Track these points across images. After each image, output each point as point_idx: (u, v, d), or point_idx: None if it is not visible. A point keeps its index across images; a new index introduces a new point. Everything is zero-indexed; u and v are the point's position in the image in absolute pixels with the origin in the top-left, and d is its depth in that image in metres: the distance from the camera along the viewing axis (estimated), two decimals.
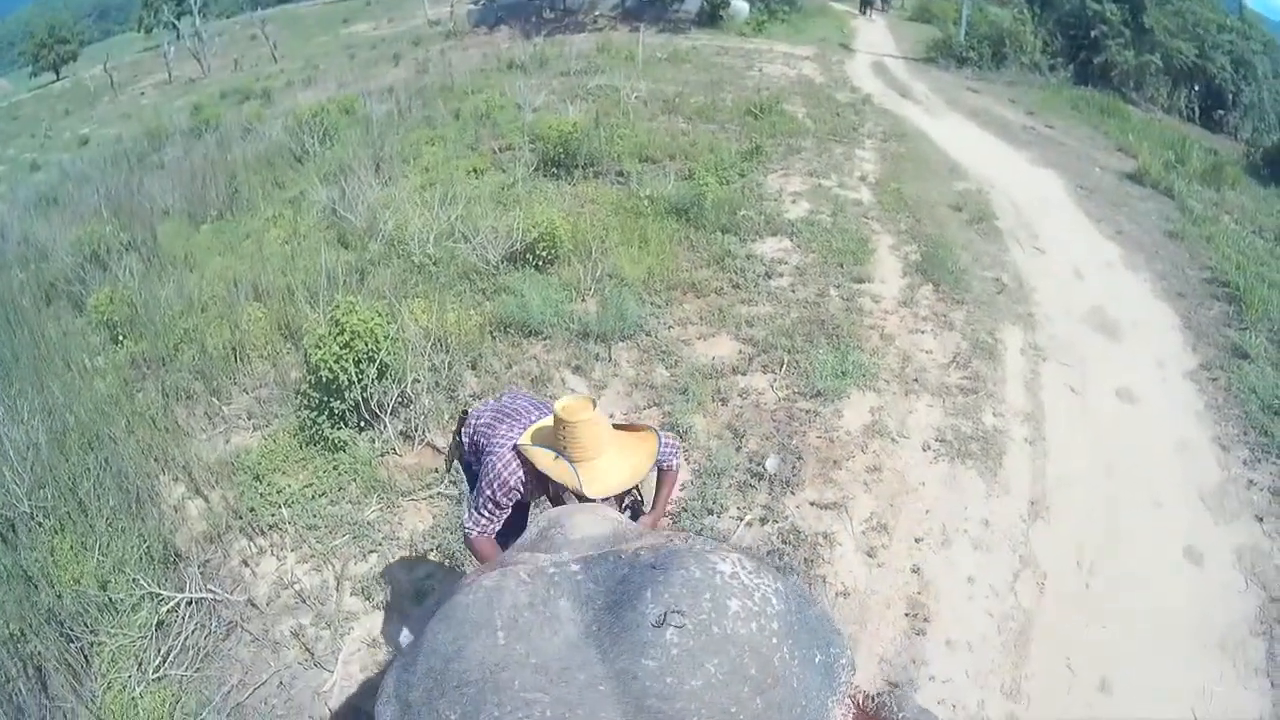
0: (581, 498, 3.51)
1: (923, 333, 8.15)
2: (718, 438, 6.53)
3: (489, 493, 3.80)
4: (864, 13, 41.56)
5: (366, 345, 6.42)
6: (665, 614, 1.97)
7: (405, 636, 2.67)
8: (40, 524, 5.88)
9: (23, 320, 9.78)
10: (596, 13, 41.40)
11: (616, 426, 3.72)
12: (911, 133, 16.77)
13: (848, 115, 17.59)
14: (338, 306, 6.61)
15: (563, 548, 2.53)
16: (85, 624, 5.01)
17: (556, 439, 3.59)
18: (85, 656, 4.90)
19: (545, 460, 3.60)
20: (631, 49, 24.55)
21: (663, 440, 3.86)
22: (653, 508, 4.16)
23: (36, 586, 5.26)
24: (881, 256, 9.84)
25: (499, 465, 3.78)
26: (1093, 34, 26.74)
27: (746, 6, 35.96)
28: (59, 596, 5.14)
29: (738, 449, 6.37)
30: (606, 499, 3.64)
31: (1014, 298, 9.12)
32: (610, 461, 3.56)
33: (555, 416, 3.57)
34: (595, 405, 3.56)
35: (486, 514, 3.86)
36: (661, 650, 1.93)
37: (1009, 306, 8.88)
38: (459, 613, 2.17)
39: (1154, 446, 6.77)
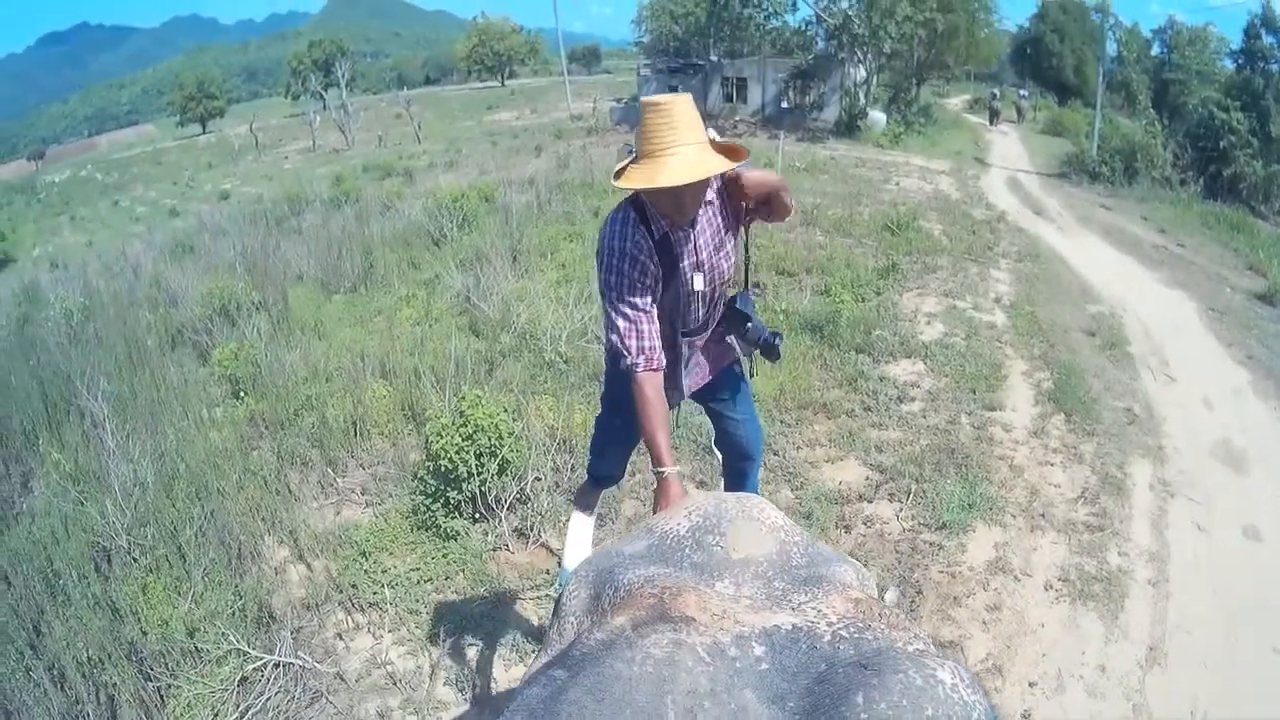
0: (657, 208, 3.45)
1: (1052, 465, 8.16)
2: None
3: (613, 279, 3.47)
4: (993, 124, 41.83)
5: (489, 440, 6.46)
6: None
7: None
8: (136, 560, 6.05)
9: (145, 361, 10.15)
10: (737, 118, 42.06)
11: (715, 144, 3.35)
12: (1045, 252, 16.83)
13: (983, 233, 17.76)
14: (464, 398, 6.73)
15: (722, 570, 2.25)
16: (166, 666, 5.13)
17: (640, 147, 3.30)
18: (161, 697, 5.02)
19: (624, 176, 3.29)
20: (771, 157, 24.74)
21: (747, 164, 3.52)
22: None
23: (122, 620, 5.36)
24: (1014, 383, 9.90)
25: (607, 234, 3.51)
26: (1221, 145, 26.55)
27: (884, 118, 36.42)
28: (143, 634, 5.24)
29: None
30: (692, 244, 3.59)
31: (1144, 428, 9.08)
32: (683, 158, 3.19)
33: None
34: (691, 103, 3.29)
35: (626, 316, 3.47)
36: None
37: (1139, 438, 8.84)
38: (618, 689, 1.69)
39: (1279, 589, 6.64)
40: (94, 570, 6.02)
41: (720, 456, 4.83)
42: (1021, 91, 57.64)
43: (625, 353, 3.46)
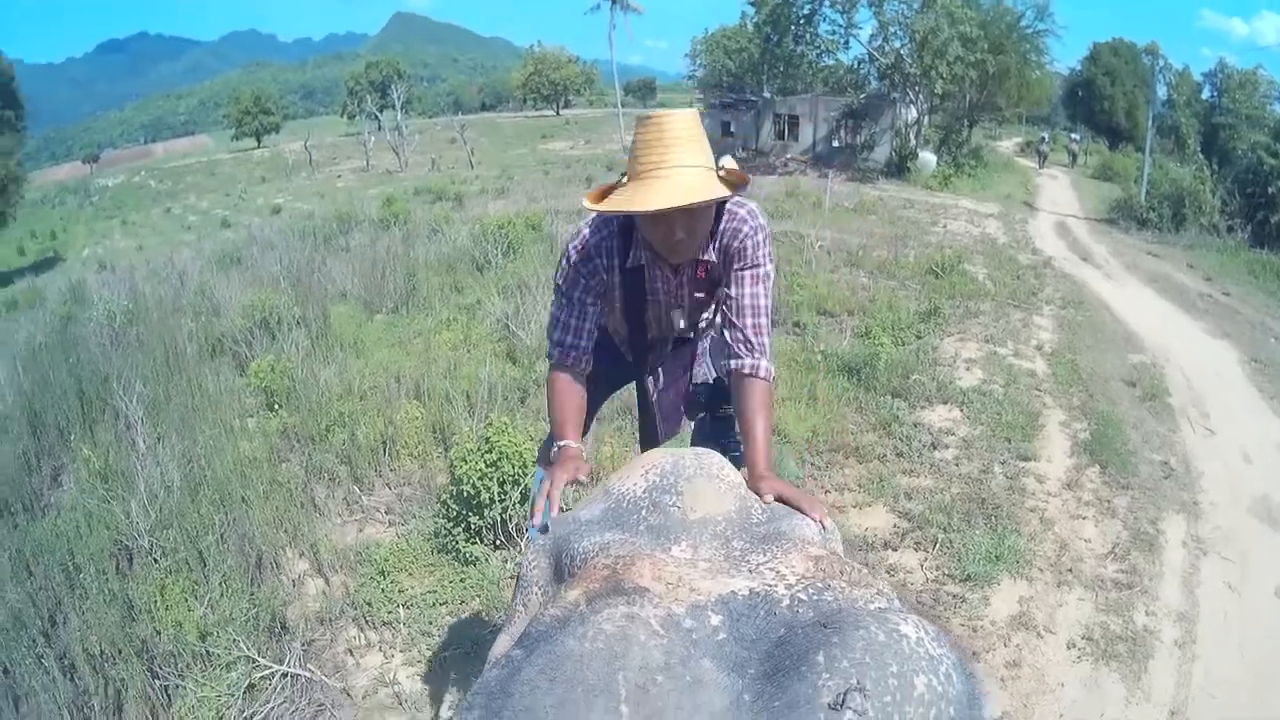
0: (648, 238, 3.03)
1: (1084, 519, 8.05)
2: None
3: (563, 268, 3.24)
4: (1041, 167, 42.00)
5: (513, 467, 6.45)
6: (845, 692, 1.59)
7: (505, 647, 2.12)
8: (156, 561, 6.14)
9: (183, 367, 10.28)
10: (788, 155, 42.30)
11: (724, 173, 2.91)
12: (1090, 299, 16.72)
13: (1028, 279, 17.68)
14: (491, 425, 6.74)
15: (679, 532, 2.26)
16: (175, 667, 5.19)
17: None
18: (168, 696, 5.06)
19: (607, 199, 2.91)
20: (819, 196, 24.90)
21: (748, 213, 3.12)
22: (747, 447, 2.99)
23: (136, 619, 5.45)
24: (1050, 433, 9.79)
25: (582, 226, 3.25)
26: (1270, 190, 26.29)
27: (934, 159, 36.52)
28: (156, 633, 5.31)
29: None
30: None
31: (1180, 483, 8.93)
32: (675, 181, 2.74)
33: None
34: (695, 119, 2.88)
35: (561, 307, 3.26)
36: None
37: (1174, 493, 8.69)
38: (568, 666, 1.70)
39: None
40: (114, 567, 6.13)
41: None
42: (1073, 135, 57.72)
43: (549, 342, 3.33)
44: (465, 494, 6.43)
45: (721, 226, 3.11)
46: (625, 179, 2.92)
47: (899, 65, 38.00)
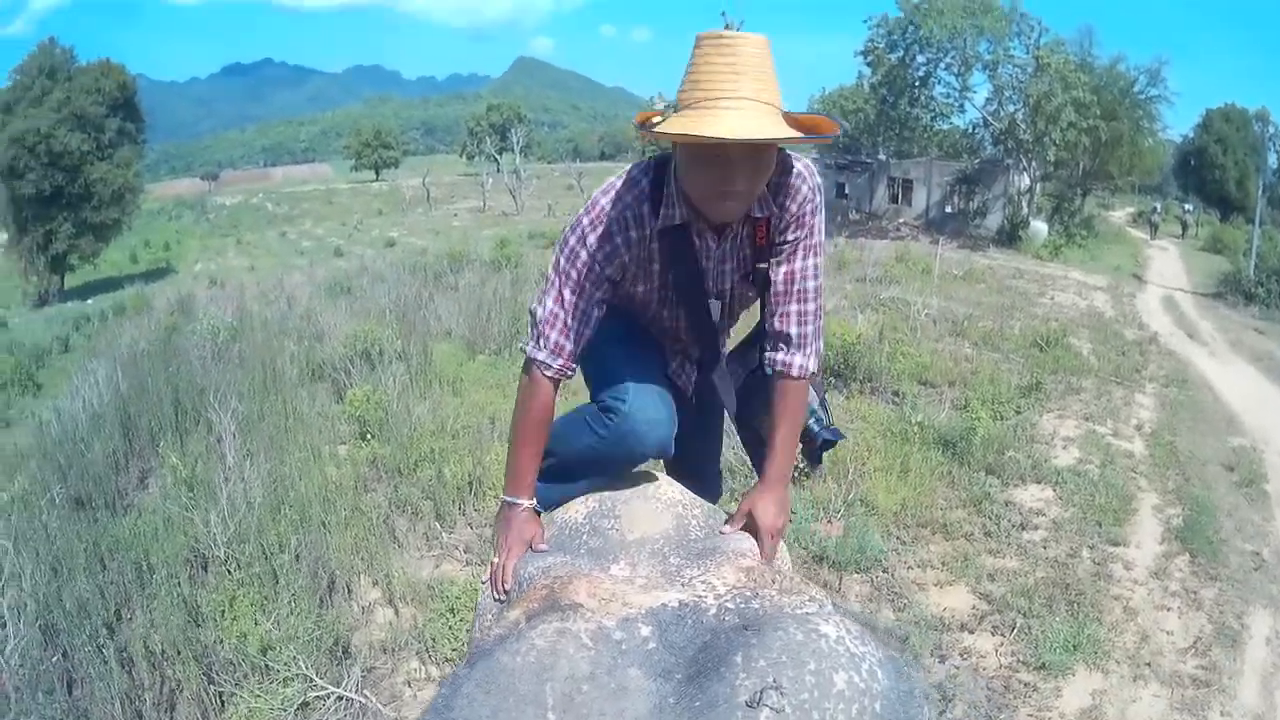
0: (691, 192, 2.37)
1: (1168, 610, 7.84)
2: (925, 698, 6.05)
3: (572, 245, 2.51)
4: (1153, 238, 41.72)
5: None
6: (761, 691, 1.68)
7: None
8: (229, 573, 6.24)
9: (280, 388, 10.50)
10: (900, 220, 42.29)
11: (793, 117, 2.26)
12: (1194, 378, 16.44)
13: (1132, 355, 17.42)
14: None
15: (618, 552, 2.34)
16: (233, 675, 5.29)
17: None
18: (221, 702, 5.19)
19: (665, 123, 2.25)
20: (929, 262, 24.71)
21: (806, 169, 2.50)
22: (765, 470, 2.63)
23: (201, 624, 5.60)
24: (1142, 517, 9.58)
25: (598, 193, 2.53)
26: None
27: (1045, 228, 36.37)
28: (219, 641, 5.43)
29: (941, 713, 6.09)
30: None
31: (1270, 575, 8.67)
32: (746, 114, 2.12)
33: None
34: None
35: (563, 301, 2.52)
36: None
37: (1263, 586, 8.43)
38: (502, 679, 1.81)
39: None
40: (186, 573, 6.30)
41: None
42: (1186, 206, 56.87)
43: (535, 338, 2.55)
44: None
45: (780, 180, 2.48)
46: (673, 109, 2.27)
47: (1013, 130, 37.83)
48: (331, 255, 42.09)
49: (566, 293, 2.51)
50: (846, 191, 47.24)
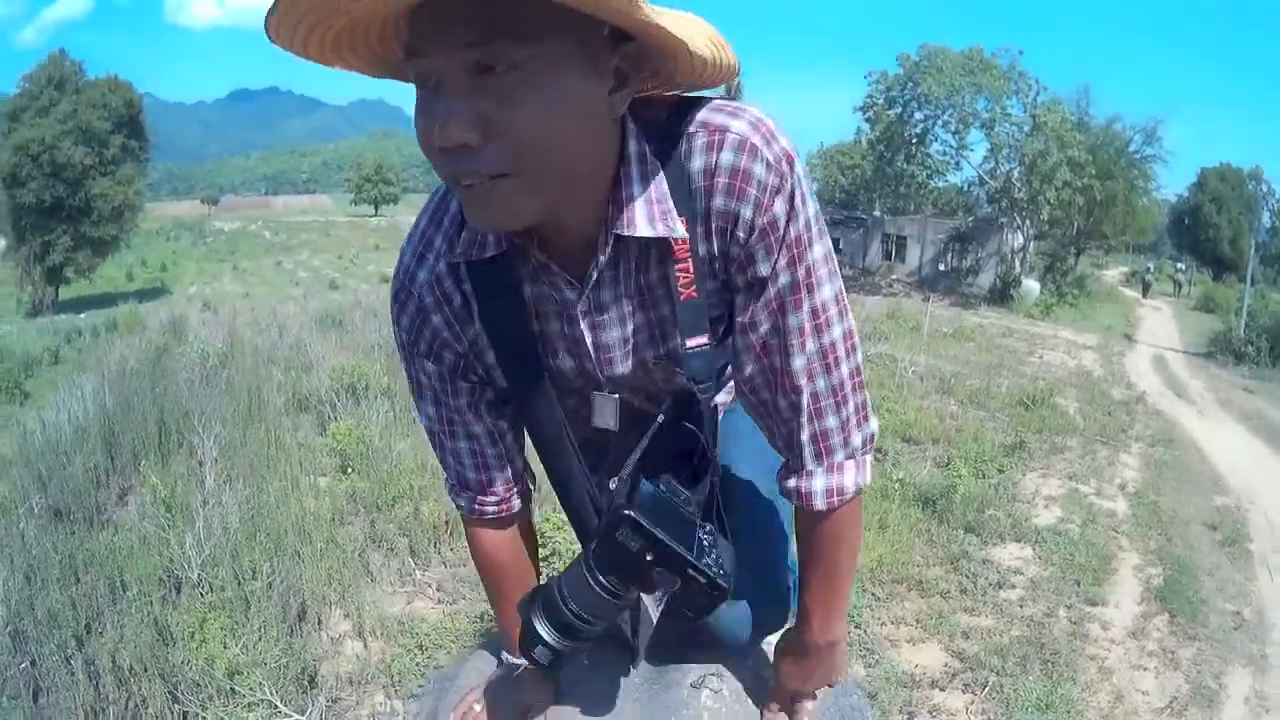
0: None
1: (1145, 670, 7.68)
2: None
3: (402, 341, 1.74)
4: (1145, 296, 42.13)
5: (564, 563, 6.25)
6: (703, 677, 1.95)
7: None
8: (202, 595, 6.20)
9: (264, 416, 10.49)
10: (894, 276, 42.60)
11: None
12: (1181, 438, 16.36)
13: (1119, 414, 17.34)
14: (548, 519, 6.69)
15: None
16: (197, 696, 5.21)
17: None
18: None
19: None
20: (919, 319, 24.79)
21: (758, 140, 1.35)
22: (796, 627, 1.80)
23: (169, 644, 5.53)
24: (1122, 577, 9.49)
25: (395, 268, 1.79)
26: None
27: (1037, 287, 36.68)
28: (186, 662, 5.36)
29: None
30: None
31: (1250, 634, 8.48)
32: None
33: None
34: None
35: (428, 417, 1.72)
36: (694, 715, 1.89)
37: (1243, 645, 8.24)
38: None
39: None
40: (158, 593, 6.23)
41: None
42: (1179, 265, 57.38)
43: (446, 484, 1.84)
44: None
45: (695, 163, 1.38)
46: None
47: (1008, 189, 38.19)
48: (326, 288, 42.17)
49: (429, 408, 1.70)
50: (840, 247, 47.25)
